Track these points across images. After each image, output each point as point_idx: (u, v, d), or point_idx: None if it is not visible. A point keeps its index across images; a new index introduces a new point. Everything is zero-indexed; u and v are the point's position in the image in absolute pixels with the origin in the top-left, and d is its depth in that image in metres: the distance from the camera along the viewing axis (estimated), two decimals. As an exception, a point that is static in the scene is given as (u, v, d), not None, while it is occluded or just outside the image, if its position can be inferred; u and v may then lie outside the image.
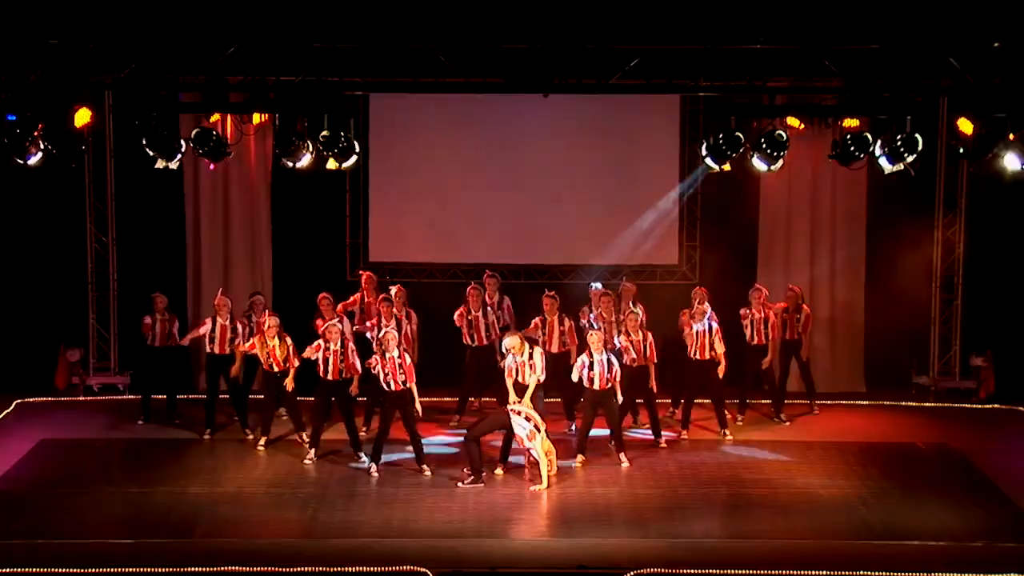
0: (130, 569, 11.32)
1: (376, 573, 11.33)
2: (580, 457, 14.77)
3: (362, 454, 14.70)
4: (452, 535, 12.38)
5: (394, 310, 15.90)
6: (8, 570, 11.24)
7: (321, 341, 14.80)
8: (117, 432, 16.20)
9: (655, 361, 15.35)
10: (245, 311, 16.38)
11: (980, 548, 12.08)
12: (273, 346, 15.12)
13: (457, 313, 16.43)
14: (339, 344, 14.73)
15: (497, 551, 11.99)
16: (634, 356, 15.19)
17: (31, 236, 18.17)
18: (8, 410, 17.01)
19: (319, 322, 15.75)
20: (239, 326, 15.94)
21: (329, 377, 14.74)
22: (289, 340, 15.24)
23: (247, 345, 15.52)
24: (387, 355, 14.18)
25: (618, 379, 14.60)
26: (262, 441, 15.36)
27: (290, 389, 15.14)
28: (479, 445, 13.99)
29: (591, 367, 14.55)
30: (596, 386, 14.57)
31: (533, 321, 16.14)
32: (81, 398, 17.86)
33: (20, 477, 14.20)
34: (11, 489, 13.75)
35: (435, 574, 11.31)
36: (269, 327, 15.15)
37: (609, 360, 14.53)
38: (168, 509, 13.06)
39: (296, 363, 15.13)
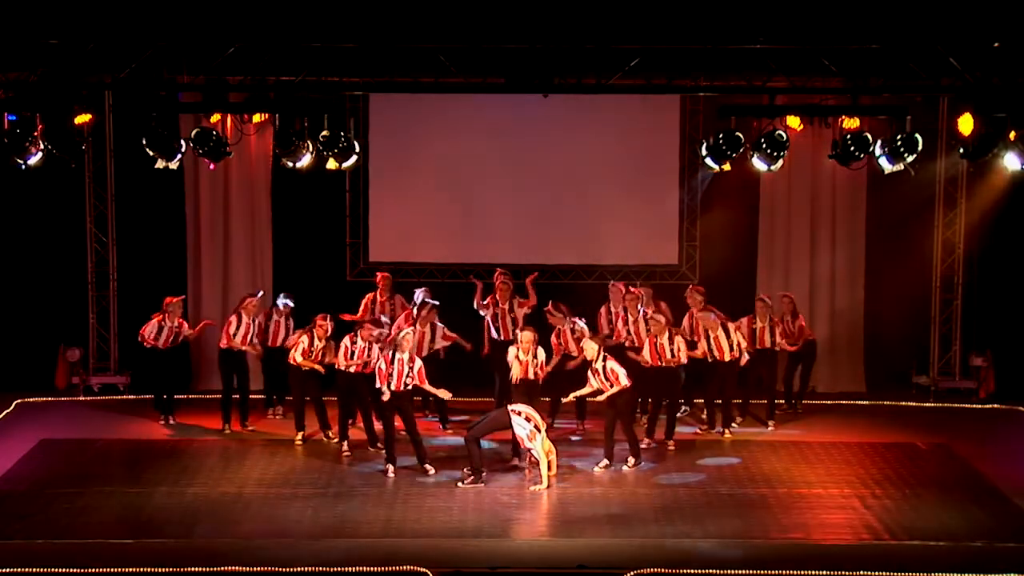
0: (130, 569, 11.30)
1: (376, 573, 11.31)
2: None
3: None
4: (452, 535, 12.37)
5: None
6: (8, 570, 11.23)
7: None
8: (117, 432, 16.19)
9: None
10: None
11: (980, 548, 12.08)
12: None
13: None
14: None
15: (497, 551, 11.97)
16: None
17: (31, 236, 18.18)
18: (8, 410, 17.01)
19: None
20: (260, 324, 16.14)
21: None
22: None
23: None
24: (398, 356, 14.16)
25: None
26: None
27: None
28: (479, 445, 13.98)
29: None
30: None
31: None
32: (81, 398, 17.87)
33: (20, 477, 14.19)
34: (11, 489, 13.74)
35: (435, 574, 11.31)
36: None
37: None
38: (168, 509, 13.05)
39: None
